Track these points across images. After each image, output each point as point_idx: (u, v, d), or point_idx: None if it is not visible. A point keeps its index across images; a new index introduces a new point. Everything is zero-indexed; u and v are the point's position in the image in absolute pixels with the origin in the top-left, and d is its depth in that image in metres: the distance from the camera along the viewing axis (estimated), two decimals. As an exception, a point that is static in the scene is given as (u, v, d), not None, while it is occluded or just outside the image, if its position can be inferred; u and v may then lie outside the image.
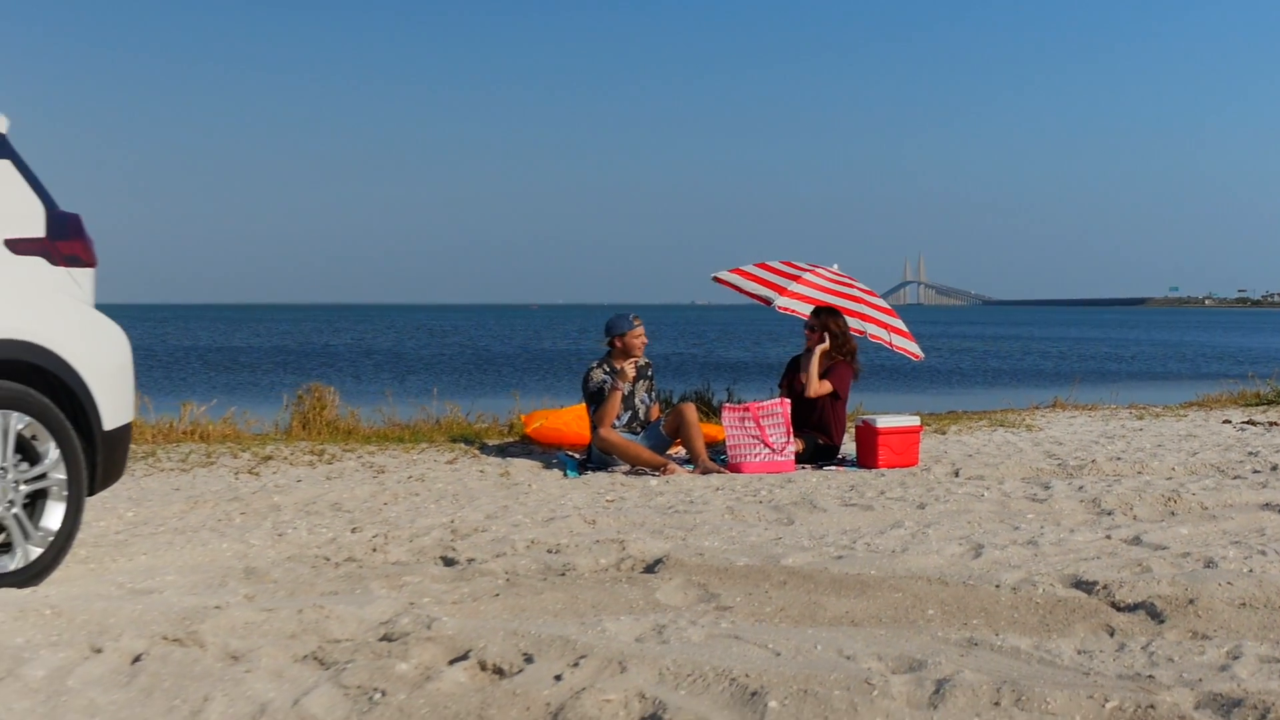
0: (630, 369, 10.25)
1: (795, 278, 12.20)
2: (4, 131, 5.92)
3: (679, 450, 10.41)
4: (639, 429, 10.38)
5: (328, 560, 6.32)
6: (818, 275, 12.30)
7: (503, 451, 11.11)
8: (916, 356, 12.25)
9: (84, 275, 6.01)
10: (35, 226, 5.81)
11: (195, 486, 9.00)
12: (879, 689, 3.80)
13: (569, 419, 11.38)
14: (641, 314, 10.83)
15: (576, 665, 4.01)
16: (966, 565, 5.99)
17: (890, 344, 12.05)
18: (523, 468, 10.13)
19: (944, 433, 12.93)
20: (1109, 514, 7.68)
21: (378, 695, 3.85)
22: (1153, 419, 14.54)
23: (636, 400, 10.40)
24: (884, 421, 10.32)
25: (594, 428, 10.17)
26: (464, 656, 4.16)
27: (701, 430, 10.18)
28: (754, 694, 3.74)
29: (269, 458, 10.37)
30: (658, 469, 9.79)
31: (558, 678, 3.90)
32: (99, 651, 4.31)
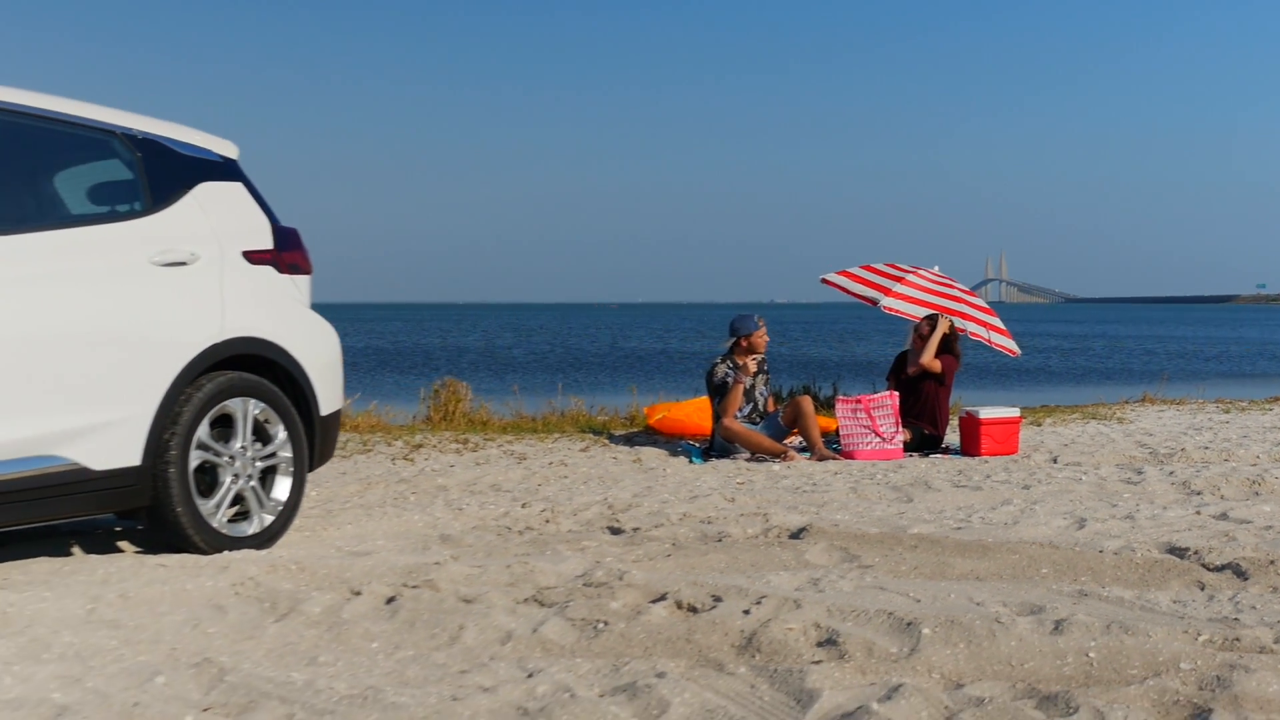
0: (752, 364, 11.12)
1: (899, 279, 13.00)
2: (234, 156, 6.88)
3: (795, 439, 11.25)
4: (758, 420, 11.24)
5: (509, 529, 7.22)
6: (920, 276, 13.09)
7: (629, 441, 12.02)
8: (1013, 353, 13.03)
9: (303, 281, 6.96)
10: (265, 240, 6.76)
11: (360, 470, 9.95)
12: (1008, 624, 4.63)
13: (689, 411, 12.27)
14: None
15: (758, 604, 4.88)
16: (1072, 535, 6.79)
17: (989, 341, 12.83)
18: (651, 455, 11.02)
19: (1039, 425, 13.69)
20: (1198, 494, 8.44)
21: (601, 625, 4.74)
22: (1239, 413, 15.22)
23: (756, 394, 11.26)
24: (986, 412, 11.12)
25: (717, 418, 11.04)
26: (662, 598, 5.05)
27: (817, 420, 11.03)
28: (909, 624, 4.59)
29: (420, 446, 11.34)
30: (778, 456, 10.65)
31: (746, 612, 4.77)
32: (358, 594, 5.24)
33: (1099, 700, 3.83)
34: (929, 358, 11.53)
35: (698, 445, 11.58)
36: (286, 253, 6.85)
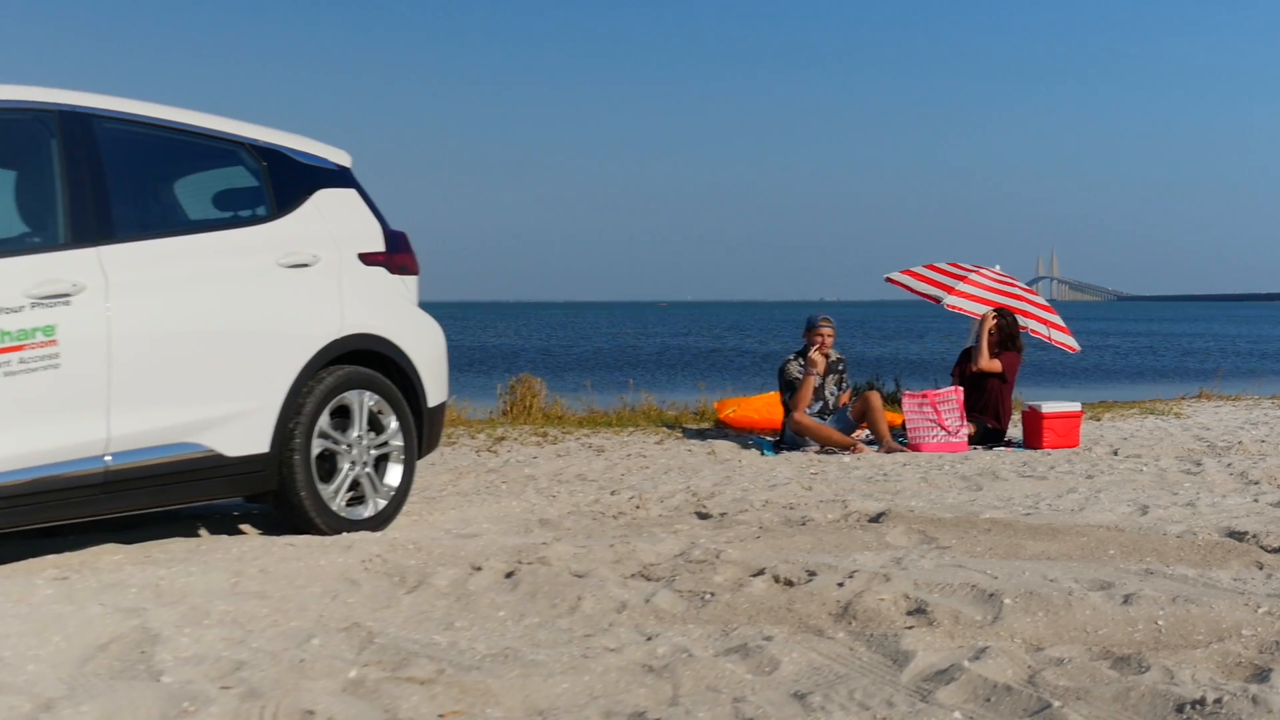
0: (819, 359, 11.52)
1: (962, 278, 13.39)
2: (348, 165, 7.36)
3: (862, 433, 11.67)
4: (827, 416, 11.65)
5: (603, 515, 7.68)
6: (982, 275, 13.47)
7: (701, 435, 12.47)
8: (1073, 349, 13.40)
9: (411, 281, 7.44)
10: (377, 242, 7.25)
11: (449, 461, 10.43)
12: (1081, 597, 5.04)
13: (759, 405, 12.71)
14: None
15: (850, 578, 5.31)
16: (1136, 520, 7.18)
17: (1049, 338, 13.20)
18: (725, 448, 11.46)
19: (1098, 419, 14.05)
20: (1256, 484, 8.81)
21: (708, 596, 5.19)
22: (1295, 408, 15.54)
23: (826, 391, 11.69)
24: (1048, 407, 11.50)
25: (788, 412, 11.46)
26: (760, 573, 5.48)
27: (885, 415, 11.44)
28: (990, 595, 5.01)
29: (501, 439, 11.83)
30: (847, 448, 11.06)
31: (839, 585, 5.21)
32: (479, 569, 5.70)
33: (1168, 661, 4.24)
34: (985, 360, 11.90)
35: (769, 439, 12.01)
36: (397, 255, 7.32)
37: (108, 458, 5.93)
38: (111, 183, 6.13)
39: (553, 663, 4.30)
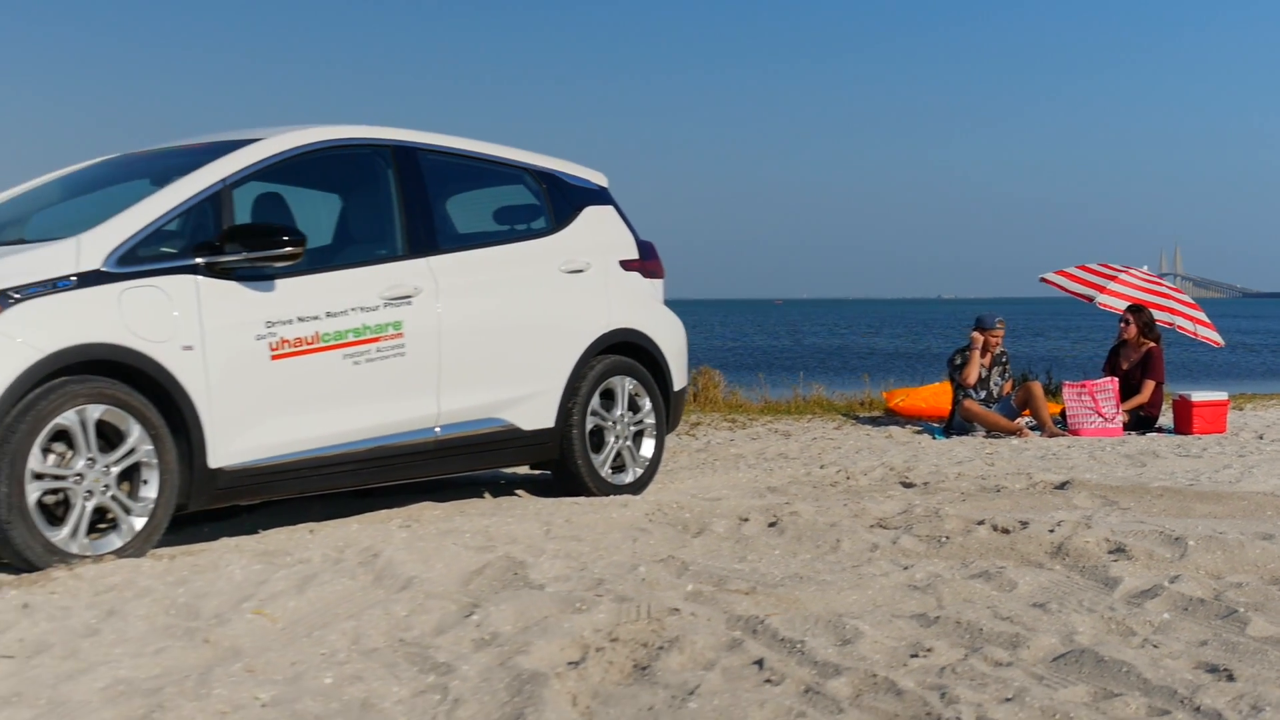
0: (979, 337, 12.70)
1: (1112, 278, 14.49)
2: (606, 185, 8.70)
3: (1025, 419, 12.81)
4: (991, 404, 12.81)
5: (820, 483, 8.92)
6: (1131, 275, 14.57)
7: (874, 422, 13.70)
8: (1218, 344, 14.47)
9: (658, 283, 8.77)
10: (632, 251, 8.58)
11: (656, 443, 11.74)
12: (1249, 542, 6.19)
13: (926, 395, 13.92)
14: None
15: (1058, 525, 6.51)
16: (1289, 490, 8.31)
17: (1195, 334, 14.27)
18: (899, 433, 12.68)
19: (1240, 409, 15.07)
20: (1393, 463, 9.88)
21: (943, 539, 6.42)
22: None
23: (991, 383, 12.85)
24: (1198, 396, 12.59)
25: (956, 400, 12.64)
26: (981, 523, 6.69)
27: (1046, 403, 12.59)
28: (1177, 538, 6.18)
29: (697, 424, 13.15)
30: (1013, 433, 12.22)
31: (1050, 530, 6.41)
32: (746, 520, 6.97)
33: (1328, 584, 5.42)
34: (1145, 396, 12.89)
35: (936, 425, 13.19)
36: (648, 261, 8.65)
37: (437, 429, 7.31)
38: (434, 204, 7.51)
39: (838, 582, 5.56)
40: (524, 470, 9.35)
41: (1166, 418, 13.34)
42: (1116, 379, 12.77)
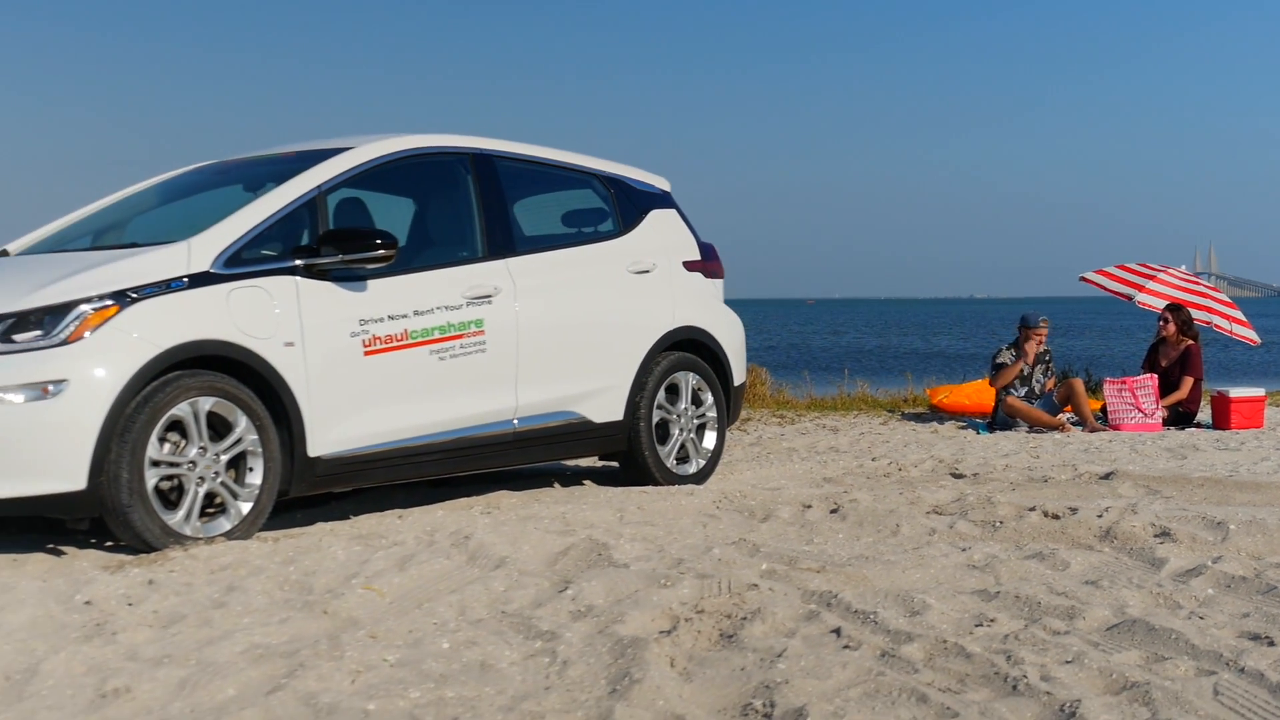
0: (1032, 350, 13.09)
1: (1151, 277, 14.85)
2: (669, 189, 9.11)
3: (1066, 415, 13.18)
4: (1034, 400, 13.19)
5: (874, 474, 9.32)
6: (1170, 274, 14.92)
7: (918, 418, 14.09)
8: (1254, 342, 14.80)
9: (719, 283, 9.19)
10: (694, 252, 9.00)
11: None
12: (1289, 529, 6.57)
13: (969, 391, 14.30)
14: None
15: (1106, 511, 6.90)
16: (1325, 480, 8.67)
17: (1231, 333, 14.62)
18: (944, 429, 13.07)
19: (1278, 405, 15.39)
20: None
21: (997, 524, 6.82)
22: None
23: (1034, 380, 13.22)
24: (1235, 392, 12.94)
25: (999, 397, 13.02)
26: (1032, 509, 7.08)
27: (1087, 399, 12.96)
28: (1218, 522, 6.57)
29: (748, 419, 13.57)
30: (1055, 428, 12.59)
31: (1099, 516, 6.80)
32: (809, 507, 7.38)
33: (1361, 564, 5.79)
34: (1184, 392, 13.23)
35: (980, 420, 13.57)
36: (709, 262, 9.08)
37: (515, 421, 7.74)
38: (510, 209, 7.94)
39: (901, 562, 5.97)
40: (584, 462, 9.79)
41: (1205, 413, 13.68)
42: (1156, 376, 13.12)
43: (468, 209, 7.84)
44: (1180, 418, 13.27)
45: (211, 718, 3.95)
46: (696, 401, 8.83)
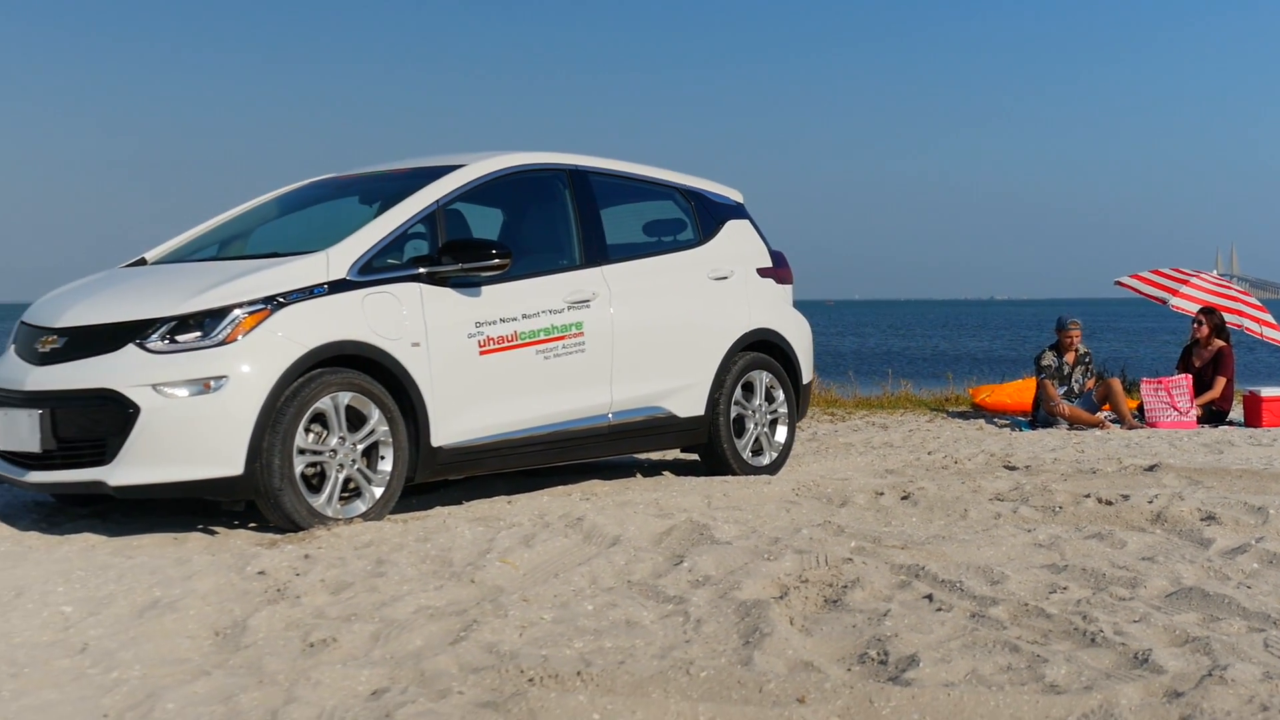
0: (1070, 354, 13.77)
1: (1185, 281, 15.53)
2: (742, 201, 9.82)
3: (1105, 413, 13.85)
4: (1074, 399, 13.86)
5: (931, 466, 10.00)
6: (1202, 279, 15.60)
7: (962, 416, 14.77)
8: (1282, 344, 15.46)
9: (788, 289, 9.89)
10: (766, 260, 9.71)
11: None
12: (1322, 513, 7.23)
13: (1011, 391, 14.98)
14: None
15: (1156, 496, 7.57)
16: (1354, 472, 9.33)
17: (1261, 334, 15.28)
18: (988, 427, 13.74)
19: (1305, 405, 16.05)
20: None
21: (1056, 508, 7.49)
22: None
23: (1073, 380, 13.90)
24: (1267, 391, 13.61)
25: (1040, 396, 13.69)
26: (1088, 496, 7.75)
27: (1125, 398, 13.63)
28: (1259, 508, 7.23)
29: (800, 416, 14.25)
30: (1095, 426, 13.26)
31: (1149, 501, 7.47)
32: (881, 494, 8.05)
33: (1390, 543, 6.46)
34: (1216, 392, 13.89)
35: (1022, 418, 14.25)
36: (779, 269, 9.79)
37: (610, 416, 8.45)
38: (603, 220, 8.65)
39: (974, 541, 6.65)
40: (656, 455, 10.49)
41: (1236, 412, 14.34)
42: (1190, 376, 13.78)
43: (565, 220, 8.55)
44: (1213, 416, 13.93)
45: (412, 662, 4.66)
46: (769, 398, 9.53)
